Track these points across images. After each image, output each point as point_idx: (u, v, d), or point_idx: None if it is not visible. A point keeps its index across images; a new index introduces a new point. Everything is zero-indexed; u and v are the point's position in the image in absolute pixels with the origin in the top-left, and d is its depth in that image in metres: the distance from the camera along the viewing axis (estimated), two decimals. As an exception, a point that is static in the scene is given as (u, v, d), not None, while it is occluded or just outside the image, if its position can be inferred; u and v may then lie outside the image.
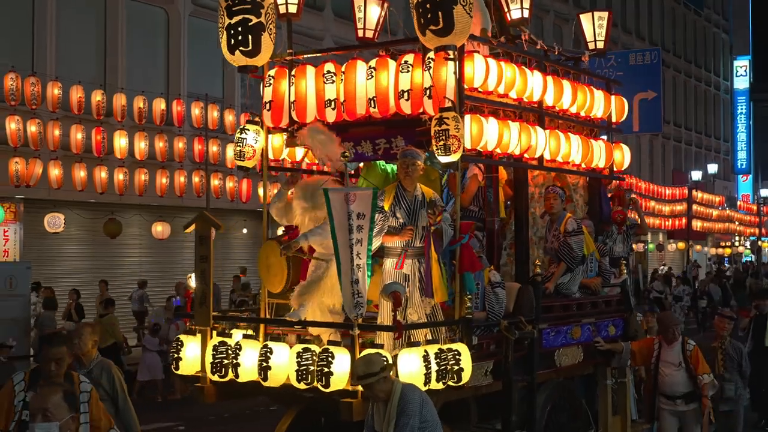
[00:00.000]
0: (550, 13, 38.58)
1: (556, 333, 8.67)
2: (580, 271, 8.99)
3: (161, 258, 21.66)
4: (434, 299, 7.36)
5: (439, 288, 7.34)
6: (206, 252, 7.54)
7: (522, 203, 8.77)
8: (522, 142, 8.25)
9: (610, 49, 38.77)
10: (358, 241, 6.82)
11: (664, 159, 49.43)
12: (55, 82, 17.26)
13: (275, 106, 8.40)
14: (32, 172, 16.75)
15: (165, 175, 19.48)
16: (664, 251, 44.34)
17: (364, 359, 6.43)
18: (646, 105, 27.48)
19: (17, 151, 16.54)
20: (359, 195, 6.83)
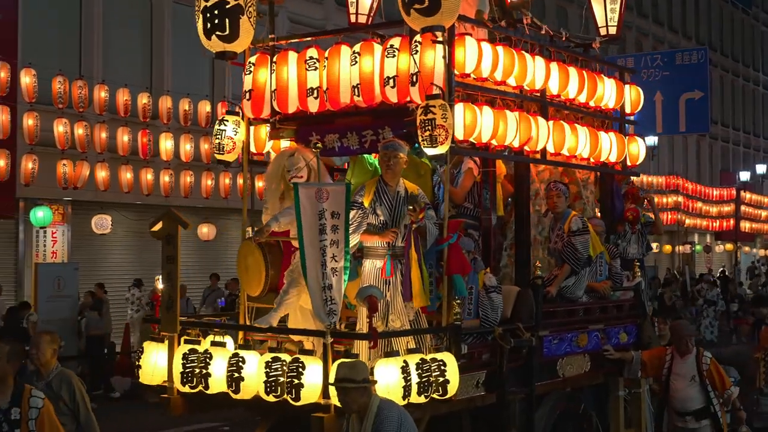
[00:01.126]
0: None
1: (559, 341, 8.11)
2: (586, 273, 8.42)
3: (207, 259, 21.64)
4: (414, 304, 6.83)
5: (419, 292, 6.82)
6: (173, 252, 7.07)
7: (523, 200, 8.22)
8: (521, 133, 7.70)
9: (656, 48, 38.69)
10: (334, 243, 6.31)
11: (712, 159, 48.59)
12: (101, 85, 17.38)
13: (255, 96, 7.93)
14: (80, 174, 16.89)
15: (210, 177, 19.44)
16: (712, 253, 43.61)
17: (350, 364, 5.92)
18: (692, 105, 26.90)
19: (65, 154, 16.71)
20: (332, 191, 6.33)
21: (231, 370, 6.65)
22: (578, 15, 9.59)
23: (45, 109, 16.45)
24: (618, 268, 9.14)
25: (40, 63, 16.63)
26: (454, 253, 6.96)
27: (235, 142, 7.94)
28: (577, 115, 8.74)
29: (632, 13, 40.57)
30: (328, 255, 6.27)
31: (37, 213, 17.50)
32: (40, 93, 16.12)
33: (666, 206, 35.35)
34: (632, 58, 28.17)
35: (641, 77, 25.23)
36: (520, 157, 8.09)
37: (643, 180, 33.79)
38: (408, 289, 6.77)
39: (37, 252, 18.63)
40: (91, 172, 17.10)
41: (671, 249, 40.02)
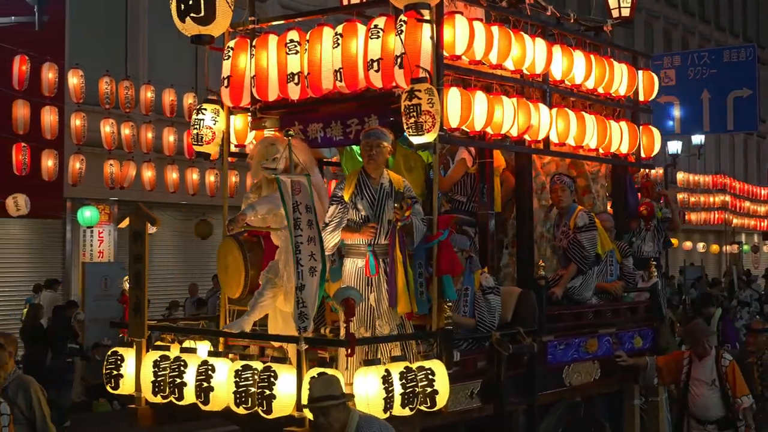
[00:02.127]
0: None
1: (565, 346, 7.58)
2: (594, 273, 7.88)
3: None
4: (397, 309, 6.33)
5: (402, 295, 6.31)
6: (141, 251, 6.61)
7: (525, 194, 7.69)
8: (520, 121, 7.18)
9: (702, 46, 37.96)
10: (311, 240, 5.83)
11: (759, 158, 47.74)
12: (147, 86, 17.28)
13: (234, 83, 7.46)
14: (126, 174, 16.93)
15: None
16: (760, 252, 42.82)
17: (324, 379, 5.48)
18: (740, 103, 26.29)
19: (112, 154, 16.70)
20: (304, 184, 5.85)
21: (200, 379, 6.18)
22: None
23: (92, 109, 16.52)
24: (631, 267, 8.59)
25: (87, 64, 16.61)
26: (444, 251, 6.44)
27: (214, 132, 7.49)
28: (586, 103, 8.21)
29: (678, 10, 39.98)
30: (304, 253, 5.79)
31: (84, 213, 17.73)
32: (87, 93, 16.15)
33: (713, 205, 34.72)
34: (679, 56, 27.62)
35: (688, 75, 24.77)
36: (520, 147, 7.57)
37: (689, 179, 33.19)
38: (393, 292, 6.27)
39: (84, 251, 18.94)
40: (137, 172, 17.17)
41: (718, 249, 39.39)
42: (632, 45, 35.49)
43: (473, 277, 6.99)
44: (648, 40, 37.78)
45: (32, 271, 18.03)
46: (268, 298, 6.52)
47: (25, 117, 14.91)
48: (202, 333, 6.78)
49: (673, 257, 34.76)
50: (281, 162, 6.77)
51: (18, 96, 14.81)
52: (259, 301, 6.51)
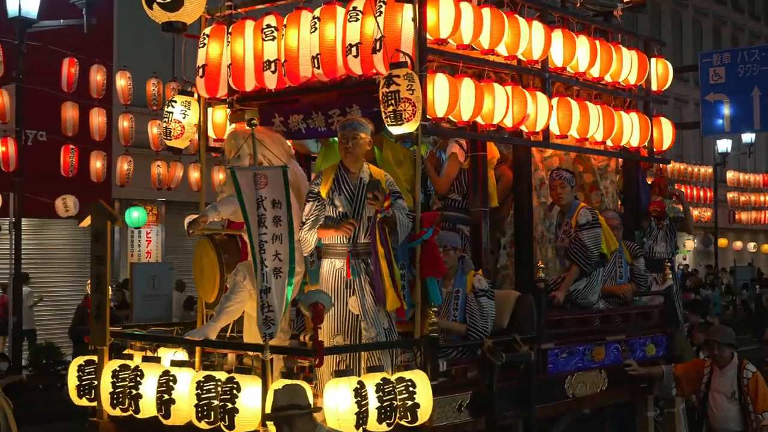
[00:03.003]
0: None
1: (568, 354, 7.08)
2: (600, 274, 7.36)
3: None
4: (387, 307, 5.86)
5: (389, 291, 5.83)
6: (102, 251, 6.19)
7: (523, 190, 7.20)
8: (515, 110, 6.70)
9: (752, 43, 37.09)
10: (276, 238, 5.39)
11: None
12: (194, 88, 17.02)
13: (210, 72, 7.05)
14: (173, 175, 17.09)
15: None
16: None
17: (289, 387, 5.04)
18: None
19: (159, 155, 16.79)
20: (270, 175, 5.41)
21: (161, 391, 5.76)
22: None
23: (140, 111, 16.66)
24: (641, 268, 8.06)
25: (135, 66, 16.73)
26: (428, 251, 5.98)
27: (183, 126, 7.11)
28: (592, 93, 7.71)
29: (727, 7, 39.28)
30: (268, 252, 5.35)
31: (132, 213, 17.89)
32: (135, 95, 16.27)
33: (764, 204, 34.02)
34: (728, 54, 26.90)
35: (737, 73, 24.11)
36: (516, 139, 7.08)
37: (739, 178, 32.41)
38: (379, 288, 5.81)
39: (132, 252, 19.26)
40: (184, 173, 17.26)
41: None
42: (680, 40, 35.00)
43: (465, 278, 6.53)
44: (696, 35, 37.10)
45: (81, 272, 17.98)
46: (236, 303, 6.07)
47: (74, 119, 15.16)
48: (162, 341, 6.34)
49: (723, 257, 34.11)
50: (245, 159, 6.34)
51: (67, 98, 15.07)
52: (226, 306, 6.07)
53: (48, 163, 15.31)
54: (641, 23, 30.09)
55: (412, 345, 5.98)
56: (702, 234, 34.30)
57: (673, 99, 34.94)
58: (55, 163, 15.18)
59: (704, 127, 16.82)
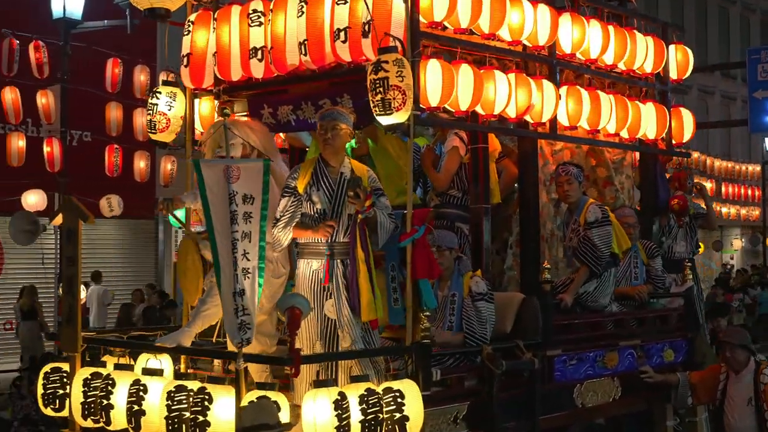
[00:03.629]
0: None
1: (577, 361, 6.64)
2: (611, 276, 6.91)
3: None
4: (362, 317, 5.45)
5: (367, 302, 5.41)
6: (74, 252, 5.84)
7: (529, 185, 6.76)
8: (519, 100, 6.27)
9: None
10: (246, 236, 4.99)
11: None
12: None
13: (195, 61, 6.69)
14: None
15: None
16: None
17: (258, 404, 4.71)
18: None
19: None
20: (245, 169, 5.01)
21: (131, 402, 5.39)
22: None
23: None
24: (659, 269, 7.59)
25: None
26: (420, 251, 5.56)
27: (169, 118, 6.75)
28: (605, 82, 7.25)
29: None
30: (239, 251, 4.96)
31: (176, 213, 17.44)
32: None
33: None
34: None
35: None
36: (521, 131, 6.65)
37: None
38: (355, 297, 5.40)
39: (176, 252, 18.81)
40: None
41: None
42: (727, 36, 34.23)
43: (462, 281, 6.11)
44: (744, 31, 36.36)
45: (125, 272, 18.31)
46: (212, 306, 5.68)
47: (118, 119, 15.14)
48: (132, 347, 5.95)
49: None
50: (237, 149, 5.96)
51: (111, 98, 15.08)
52: (202, 310, 5.68)
53: (92, 164, 15.25)
54: (662, 10, 29.34)
55: (402, 352, 5.57)
56: (750, 233, 33.54)
57: (720, 96, 34.29)
58: (99, 163, 15.12)
59: (752, 124, 16.31)
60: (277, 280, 5.86)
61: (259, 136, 6.06)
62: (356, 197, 5.34)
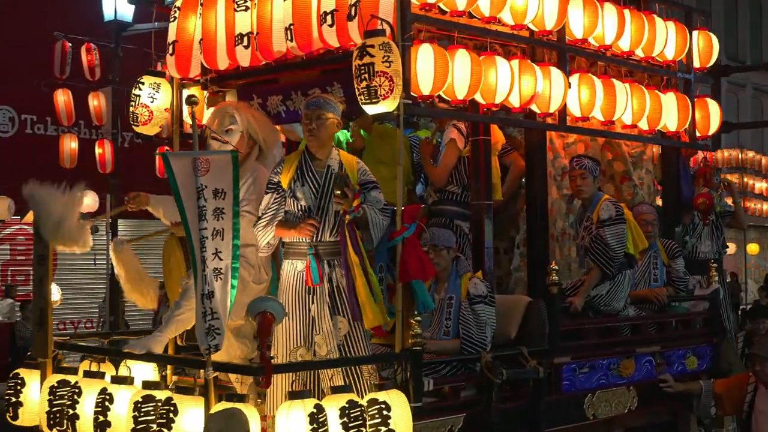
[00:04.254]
0: None
1: (589, 369, 6.21)
2: (625, 277, 6.45)
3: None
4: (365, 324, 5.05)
5: (368, 305, 5.02)
6: (45, 250, 5.50)
7: (536, 180, 6.33)
8: (523, 88, 5.84)
9: None
10: (218, 233, 4.63)
11: None
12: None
13: (181, 49, 6.35)
14: None
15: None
16: None
17: (224, 414, 4.34)
18: None
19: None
20: (214, 161, 4.64)
21: (97, 412, 5.05)
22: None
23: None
24: (681, 270, 7.12)
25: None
26: (410, 250, 5.15)
27: (152, 111, 6.46)
28: (623, 70, 6.80)
29: None
30: (209, 250, 4.59)
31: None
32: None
33: None
34: None
35: None
36: (526, 122, 6.22)
37: None
38: (354, 303, 4.99)
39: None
40: None
41: None
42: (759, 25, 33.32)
43: (460, 282, 5.69)
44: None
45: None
46: (187, 310, 5.30)
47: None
48: (100, 353, 5.60)
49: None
50: (234, 136, 5.57)
51: None
52: (176, 314, 5.30)
53: (143, 165, 14.65)
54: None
55: (389, 360, 5.18)
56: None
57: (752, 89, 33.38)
58: (150, 164, 14.56)
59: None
60: (259, 286, 5.48)
61: (261, 126, 5.66)
62: (343, 196, 4.94)
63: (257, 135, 5.54)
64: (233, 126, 5.52)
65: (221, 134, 5.56)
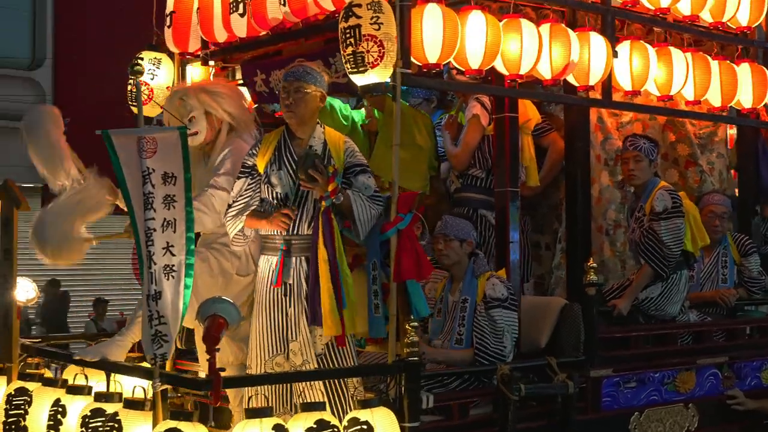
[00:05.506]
0: None
1: (636, 384, 5.36)
2: (682, 278, 5.56)
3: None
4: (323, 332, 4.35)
5: (328, 309, 4.30)
6: (9, 244, 4.97)
7: (577, 166, 5.48)
8: (554, 56, 5.02)
9: None
10: (169, 224, 3.99)
11: None
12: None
13: (179, 20, 5.73)
14: None
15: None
16: None
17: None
18: None
19: None
20: (161, 141, 4.00)
21: (49, 425, 4.50)
22: None
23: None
24: (754, 269, 6.17)
25: None
26: (405, 244, 4.42)
27: (152, 89, 5.83)
28: (684, 38, 5.90)
29: None
30: (157, 243, 3.96)
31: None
32: None
33: None
34: None
35: None
36: (559, 96, 5.40)
37: None
38: (314, 305, 4.30)
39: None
40: None
41: None
42: None
43: (477, 283, 4.92)
44: None
45: None
46: None
47: None
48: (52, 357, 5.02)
49: None
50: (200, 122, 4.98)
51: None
52: (137, 317, 4.67)
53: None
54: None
55: (379, 373, 4.46)
56: None
57: None
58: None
59: None
60: (246, 279, 4.84)
61: (227, 101, 5.05)
62: (309, 180, 4.24)
63: (218, 112, 4.92)
64: (194, 112, 4.95)
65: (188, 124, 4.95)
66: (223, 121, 5.04)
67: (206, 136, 5.00)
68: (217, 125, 5.02)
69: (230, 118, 4.99)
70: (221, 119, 5.00)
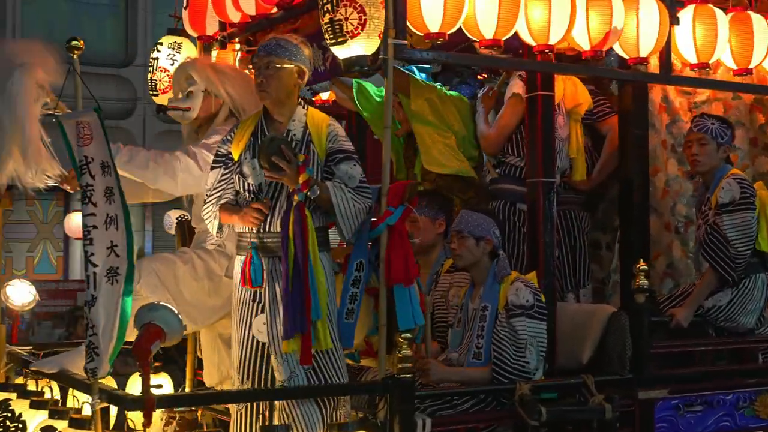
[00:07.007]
0: None
1: (703, 408, 4.54)
2: (758, 284, 4.67)
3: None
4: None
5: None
6: (-7, 239, 4.63)
7: (633, 152, 4.68)
8: (594, 23, 4.26)
9: None
10: (111, 221, 3.52)
11: None
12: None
13: (195, 3, 5.25)
14: None
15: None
16: None
17: None
18: None
19: None
20: (92, 123, 3.50)
21: (8, 440, 4.09)
22: None
23: None
24: None
25: None
26: (396, 242, 3.78)
27: (171, 76, 5.36)
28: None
29: None
30: (98, 243, 3.49)
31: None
32: None
33: None
34: None
35: None
36: (622, 73, 4.62)
37: None
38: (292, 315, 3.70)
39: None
40: None
41: None
42: None
43: (499, 288, 4.20)
44: None
45: None
46: None
47: None
48: (24, 366, 4.59)
49: None
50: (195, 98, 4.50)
51: None
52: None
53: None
54: None
55: (365, 392, 3.83)
56: None
57: None
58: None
59: None
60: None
61: (233, 84, 4.57)
62: (273, 168, 3.64)
63: (219, 91, 4.42)
64: (192, 87, 4.50)
65: (180, 101, 4.47)
66: (222, 105, 4.55)
67: (198, 114, 4.53)
68: (214, 108, 4.55)
69: (230, 101, 4.51)
70: (220, 102, 4.51)
